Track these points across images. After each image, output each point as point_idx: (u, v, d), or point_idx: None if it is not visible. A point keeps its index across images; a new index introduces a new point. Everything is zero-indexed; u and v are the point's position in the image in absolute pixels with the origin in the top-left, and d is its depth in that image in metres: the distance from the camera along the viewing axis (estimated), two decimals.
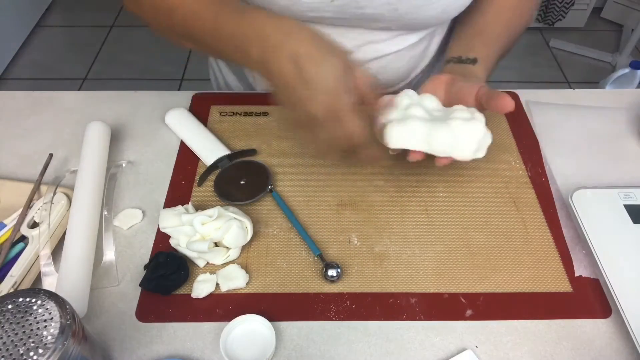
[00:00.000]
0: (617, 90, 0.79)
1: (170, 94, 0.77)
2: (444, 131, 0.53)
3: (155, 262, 0.54)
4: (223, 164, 0.65)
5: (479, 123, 0.54)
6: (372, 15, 0.63)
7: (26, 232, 0.57)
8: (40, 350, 0.36)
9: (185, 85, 2.13)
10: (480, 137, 0.54)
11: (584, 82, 2.15)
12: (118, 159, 0.67)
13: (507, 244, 0.58)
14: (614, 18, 2.42)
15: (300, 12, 0.63)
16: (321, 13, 0.63)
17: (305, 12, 0.63)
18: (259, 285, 0.54)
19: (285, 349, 0.50)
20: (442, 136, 0.53)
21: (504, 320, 0.52)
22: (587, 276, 0.55)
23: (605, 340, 0.50)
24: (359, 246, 0.58)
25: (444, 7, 0.63)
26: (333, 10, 0.62)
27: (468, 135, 0.54)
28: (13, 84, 2.11)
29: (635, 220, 0.57)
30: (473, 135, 0.54)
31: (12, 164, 0.67)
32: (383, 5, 0.61)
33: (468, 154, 0.55)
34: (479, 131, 0.54)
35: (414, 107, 0.56)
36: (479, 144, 0.55)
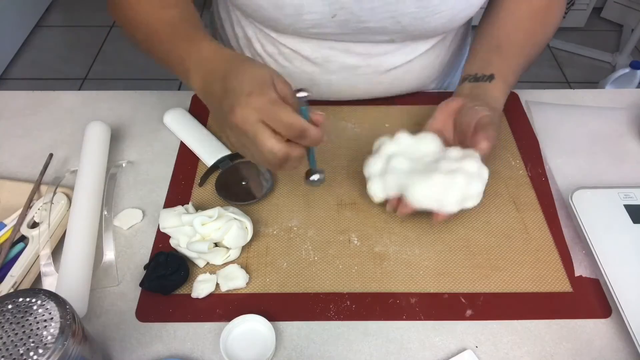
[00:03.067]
0: (617, 90, 0.79)
1: (170, 94, 0.77)
2: (422, 186, 0.52)
3: (155, 262, 0.54)
4: (224, 164, 0.65)
5: (460, 176, 0.52)
6: (374, 29, 0.63)
7: (26, 232, 0.57)
8: (40, 350, 0.36)
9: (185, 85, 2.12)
10: (461, 191, 0.52)
11: (584, 82, 2.15)
12: (118, 159, 0.67)
13: (507, 244, 0.58)
14: (614, 18, 2.42)
15: (304, 29, 0.63)
16: (324, 29, 0.63)
17: (308, 28, 0.63)
18: (259, 285, 0.54)
19: (285, 349, 0.50)
20: (420, 190, 0.52)
21: (504, 320, 0.52)
22: (587, 276, 0.55)
23: (605, 340, 0.50)
24: (359, 246, 0.58)
25: (450, 17, 0.62)
26: (335, 25, 0.62)
27: (447, 189, 0.52)
28: (13, 84, 2.11)
29: (635, 220, 0.57)
30: (453, 189, 0.52)
31: (12, 164, 0.67)
32: (385, 18, 0.61)
33: (451, 207, 0.52)
34: (458, 185, 0.52)
35: (397, 158, 0.56)
36: (463, 196, 0.53)
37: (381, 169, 0.56)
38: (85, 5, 2.52)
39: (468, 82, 0.62)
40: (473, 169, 0.53)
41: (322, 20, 0.61)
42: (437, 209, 0.53)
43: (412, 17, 0.61)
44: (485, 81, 0.60)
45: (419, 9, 0.60)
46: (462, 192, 0.52)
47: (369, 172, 0.57)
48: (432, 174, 0.53)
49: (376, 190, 0.56)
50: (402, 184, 0.54)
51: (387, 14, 0.60)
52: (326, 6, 0.60)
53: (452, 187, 0.52)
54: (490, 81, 0.60)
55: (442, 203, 0.52)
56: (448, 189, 0.52)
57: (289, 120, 0.44)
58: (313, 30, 0.63)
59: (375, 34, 0.64)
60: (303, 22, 0.61)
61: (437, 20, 0.62)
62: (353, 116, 0.72)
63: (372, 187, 0.56)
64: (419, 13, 0.60)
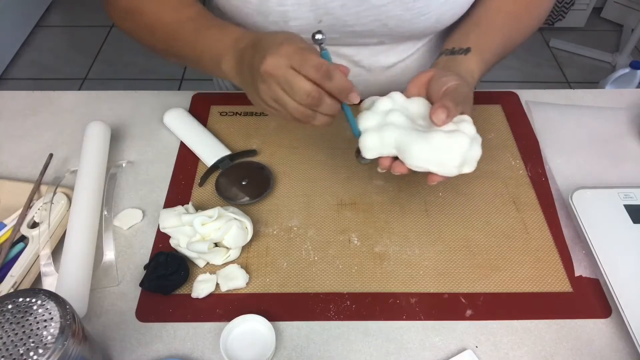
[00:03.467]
0: (617, 90, 0.79)
1: (170, 94, 0.77)
2: (422, 144, 0.48)
3: (155, 262, 0.54)
4: (224, 164, 0.65)
5: (463, 136, 0.48)
6: (362, 33, 0.63)
7: (26, 232, 0.57)
8: (40, 350, 0.36)
9: (185, 85, 2.12)
10: (464, 151, 0.48)
11: (584, 82, 2.15)
12: (118, 159, 0.67)
13: (507, 244, 0.58)
14: (614, 18, 2.42)
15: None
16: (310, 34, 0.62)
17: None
18: (259, 285, 0.54)
19: (285, 349, 0.50)
20: (419, 149, 0.48)
21: (504, 320, 0.52)
22: (587, 276, 0.55)
23: (605, 340, 0.50)
24: (359, 246, 0.58)
25: (437, 18, 0.62)
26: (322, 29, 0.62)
27: (450, 149, 0.48)
28: (13, 84, 2.11)
29: (635, 220, 0.57)
30: (455, 149, 0.48)
31: (12, 164, 0.67)
32: (371, 22, 0.61)
33: (451, 169, 0.49)
34: (462, 145, 0.48)
35: (394, 113, 0.51)
36: (464, 158, 0.49)
37: (378, 123, 0.51)
38: (85, 5, 2.52)
39: (444, 55, 0.60)
40: (472, 132, 0.50)
41: (308, 26, 0.61)
42: (436, 171, 0.49)
43: (399, 20, 0.61)
44: (461, 54, 0.58)
45: (404, 12, 0.60)
46: (463, 154, 0.48)
47: (363, 125, 0.51)
48: (433, 133, 0.48)
49: (370, 144, 0.50)
50: (401, 141, 0.49)
51: (373, 18, 0.60)
52: (311, 12, 0.60)
53: (454, 148, 0.48)
54: (466, 54, 0.58)
55: (442, 165, 0.48)
56: (450, 149, 0.48)
57: (317, 60, 0.46)
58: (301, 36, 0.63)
59: (364, 37, 0.64)
60: (289, 28, 0.61)
61: (424, 21, 0.61)
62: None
63: (366, 141, 0.50)
64: (405, 15, 0.60)
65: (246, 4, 0.60)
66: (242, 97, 0.77)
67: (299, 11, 0.59)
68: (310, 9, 0.59)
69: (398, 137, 0.49)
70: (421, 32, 0.65)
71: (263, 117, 0.72)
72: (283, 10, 0.59)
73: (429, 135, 0.48)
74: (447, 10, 0.62)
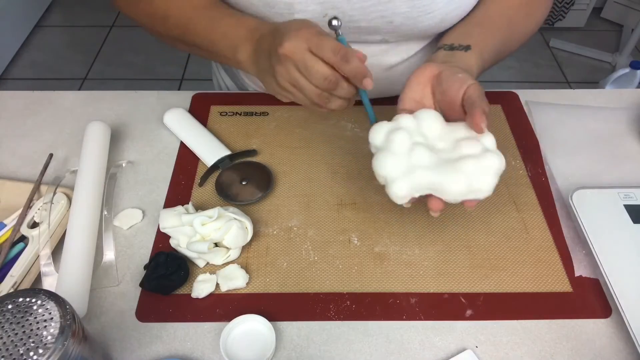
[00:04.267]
0: (617, 90, 0.79)
1: (170, 94, 0.77)
2: (456, 178, 0.46)
3: (155, 262, 0.54)
4: (224, 164, 0.65)
5: (493, 156, 0.47)
6: (366, 29, 0.63)
7: (26, 232, 0.57)
8: (40, 350, 0.36)
9: (185, 85, 2.13)
10: (497, 170, 0.48)
11: (584, 82, 2.15)
12: (118, 159, 0.67)
13: (507, 244, 0.58)
14: (614, 18, 2.42)
15: None
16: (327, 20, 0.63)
17: None
18: (259, 285, 0.54)
19: (285, 349, 0.50)
20: (455, 184, 0.46)
21: (504, 320, 0.52)
22: (587, 276, 0.55)
23: (605, 340, 0.50)
24: (359, 246, 0.58)
25: (442, 17, 0.62)
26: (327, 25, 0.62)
27: (485, 174, 0.47)
28: (13, 84, 2.11)
29: (635, 220, 0.57)
30: (490, 173, 0.47)
31: (12, 164, 0.67)
32: (377, 18, 0.61)
33: (488, 192, 0.47)
34: (494, 166, 0.47)
35: (417, 151, 0.48)
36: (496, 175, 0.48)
37: (406, 167, 0.48)
38: (85, 5, 2.52)
39: (443, 50, 0.59)
40: (492, 145, 0.49)
41: (314, 19, 0.61)
42: (474, 197, 0.48)
43: (404, 17, 0.61)
44: (461, 50, 0.58)
45: (411, 9, 0.60)
46: (497, 173, 0.48)
47: (388, 172, 0.48)
48: (463, 162, 0.47)
49: (401, 193, 0.48)
50: (434, 182, 0.47)
51: (379, 14, 0.60)
52: (318, 5, 0.60)
53: (489, 172, 0.47)
54: (466, 51, 0.57)
55: (480, 191, 0.47)
56: (485, 174, 0.47)
57: (335, 44, 0.48)
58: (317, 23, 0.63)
59: (368, 34, 0.64)
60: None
61: (429, 20, 0.62)
62: (353, 116, 0.72)
63: (397, 190, 0.48)
64: (411, 13, 0.60)
65: None
66: (242, 97, 0.77)
67: (305, 3, 0.60)
68: (317, 2, 0.60)
69: (429, 178, 0.47)
70: (425, 32, 0.65)
71: (263, 117, 0.72)
72: (289, 2, 0.59)
73: (459, 166, 0.47)
74: (452, 10, 0.62)
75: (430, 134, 0.50)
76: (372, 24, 0.62)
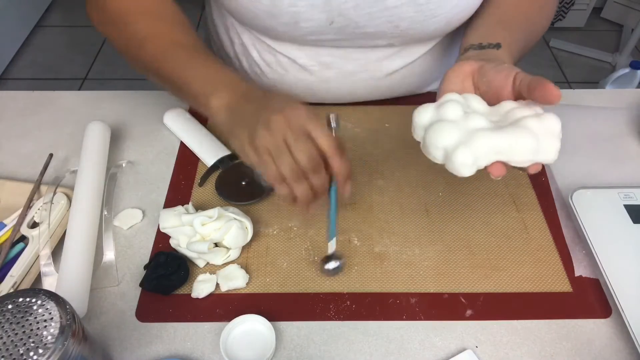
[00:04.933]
0: (617, 90, 0.79)
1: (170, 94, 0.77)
2: (526, 136, 0.43)
3: (155, 262, 0.54)
4: (224, 164, 0.65)
5: (551, 116, 0.45)
6: (373, 34, 0.62)
7: (26, 232, 0.57)
8: (40, 350, 0.36)
9: None
10: (558, 131, 0.45)
11: (584, 82, 2.15)
12: (118, 159, 0.67)
13: (507, 244, 0.58)
14: (614, 18, 2.42)
15: (300, 36, 0.63)
16: (321, 36, 0.62)
17: (305, 35, 0.62)
18: (259, 285, 0.54)
19: (285, 349, 0.50)
20: (525, 142, 0.43)
21: (504, 320, 0.52)
22: (587, 276, 0.55)
23: (605, 340, 0.50)
24: (359, 246, 0.58)
25: (448, 20, 0.62)
26: (333, 32, 0.62)
27: (549, 137, 0.44)
28: (13, 84, 2.11)
29: (635, 220, 0.57)
30: (554, 135, 0.45)
31: (12, 164, 0.67)
32: (383, 23, 0.61)
33: (553, 156, 0.45)
34: (556, 128, 0.45)
35: (472, 118, 0.45)
36: (559, 140, 0.45)
37: (465, 133, 0.44)
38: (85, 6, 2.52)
39: (472, 49, 0.56)
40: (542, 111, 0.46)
41: (320, 27, 0.61)
42: (541, 159, 0.45)
43: (411, 21, 0.61)
44: (492, 48, 0.56)
45: (417, 13, 0.60)
46: (558, 135, 0.45)
47: (448, 141, 0.44)
48: (526, 121, 0.44)
49: (466, 160, 0.43)
50: (497, 145, 0.43)
51: (385, 19, 0.60)
52: (323, 13, 0.59)
53: (550, 134, 0.44)
54: (498, 49, 0.55)
55: (543, 151, 0.44)
56: (546, 135, 0.44)
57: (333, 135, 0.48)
58: (310, 37, 0.63)
59: (374, 39, 0.64)
60: (300, 29, 0.61)
61: (435, 23, 0.61)
62: (353, 116, 0.72)
63: (460, 157, 0.43)
64: (417, 17, 0.60)
65: (256, 4, 0.59)
66: None
67: (310, 12, 0.59)
68: (323, 10, 0.59)
69: (494, 141, 0.43)
70: (431, 34, 0.65)
71: None
72: (295, 11, 0.59)
73: (523, 124, 0.44)
74: (458, 13, 0.62)
75: (479, 109, 0.47)
76: (378, 29, 0.62)
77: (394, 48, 0.67)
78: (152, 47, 0.59)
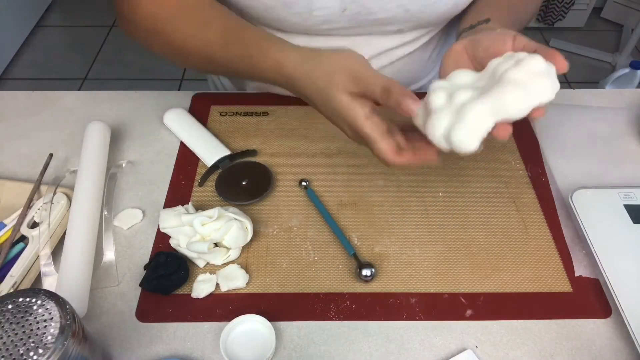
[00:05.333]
0: (617, 90, 0.79)
1: (170, 94, 0.77)
2: (510, 90, 0.42)
3: (155, 262, 0.54)
4: (224, 164, 0.65)
5: (534, 57, 0.43)
6: (384, 20, 0.63)
7: (26, 232, 0.57)
8: (40, 350, 0.36)
9: (185, 85, 2.13)
10: (545, 69, 0.43)
11: (584, 82, 2.15)
12: (118, 159, 0.67)
13: (507, 244, 0.58)
14: (614, 18, 2.42)
15: (313, 25, 0.63)
16: (334, 24, 0.63)
17: (318, 25, 0.63)
18: (259, 285, 0.54)
19: (285, 349, 0.50)
20: (512, 98, 0.42)
21: (504, 320, 0.52)
22: (587, 276, 0.55)
23: (605, 340, 0.50)
24: (359, 246, 0.58)
25: (455, 1, 0.63)
26: (345, 20, 0.62)
27: (535, 75, 0.42)
28: (13, 84, 2.11)
29: (635, 220, 0.57)
30: (540, 72, 0.43)
31: (12, 164, 0.67)
32: (394, 8, 0.61)
33: (549, 92, 0.43)
34: (540, 65, 0.43)
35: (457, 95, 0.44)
36: (551, 76, 0.44)
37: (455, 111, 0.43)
38: (85, 5, 2.52)
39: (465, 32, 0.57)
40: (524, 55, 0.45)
41: (332, 15, 0.61)
42: (538, 103, 0.43)
43: (421, 5, 0.62)
44: (482, 24, 0.56)
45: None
46: (546, 73, 0.44)
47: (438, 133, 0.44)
48: (507, 74, 0.43)
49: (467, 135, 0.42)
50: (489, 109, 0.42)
51: (396, 3, 0.61)
52: (337, 1, 0.60)
53: (536, 74, 0.43)
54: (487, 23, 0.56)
55: (538, 92, 0.43)
56: (534, 77, 0.43)
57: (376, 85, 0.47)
58: (323, 27, 0.63)
59: (385, 25, 0.64)
60: (313, 19, 0.61)
61: (444, 5, 0.62)
62: None
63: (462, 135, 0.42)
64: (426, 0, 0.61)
65: None
66: (242, 97, 0.77)
67: (324, 0, 0.60)
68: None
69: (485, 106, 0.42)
70: (439, 17, 0.66)
71: (263, 117, 0.72)
72: (308, 0, 0.59)
73: (506, 79, 0.42)
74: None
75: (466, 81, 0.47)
76: (389, 14, 0.62)
77: (402, 36, 0.68)
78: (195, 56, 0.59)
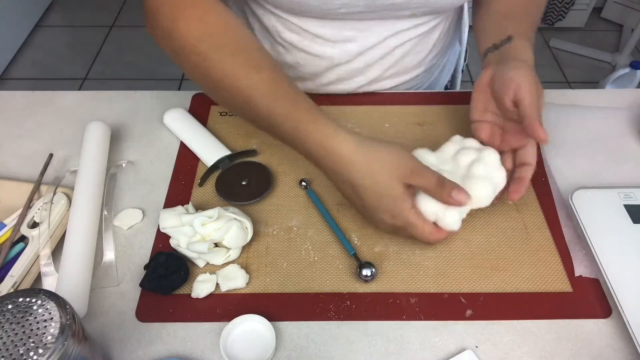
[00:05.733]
0: (617, 90, 0.79)
1: (170, 94, 0.77)
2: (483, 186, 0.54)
3: (155, 262, 0.54)
4: (224, 164, 0.65)
5: (489, 151, 0.57)
6: (399, 5, 0.63)
7: (26, 232, 0.57)
8: (40, 350, 0.36)
9: (185, 85, 2.13)
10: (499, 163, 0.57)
11: (584, 82, 2.15)
12: (118, 159, 0.67)
13: (507, 244, 0.58)
14: (614, 18, 2.42)
15: (331, 10, 0.63)
16: (352, 8, 0.63)
17: (337, 9, 0.63)
18: (259, 285, 0.54)
19: (285, 349, 0.50)
20: (484, 193, 0.54)
21: (504, 320, 0.52)
22: (587, 276, 0.55)
23: (605, 340, 0.50)
24: (359, 246, 0.58)
25: None
26: (363, 4, 0.62)
27: (494, 169, 0.56)
28: (13, 84, 2.11)
29: (635, 220, 0.57)
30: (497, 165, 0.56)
31: (12, 164, 0.67)
32: None
33: (502, 180, 0.56)
34: (495, 158, 0.57)
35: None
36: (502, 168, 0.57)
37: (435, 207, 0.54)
38: (85, 5, 2.52)
39: (490, 53, 0.62)
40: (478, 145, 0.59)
41: (351, 1, 0.61)
42: (496, 193, 0.56)
43: None
44: (505, 44, 0.61)
45: None
46: (499, 165, 0.57)
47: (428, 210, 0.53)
48: (474, 171, 0.55)
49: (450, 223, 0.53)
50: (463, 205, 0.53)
51: None
52: None
53: (493, 167, 0.56)
54: (511, 42, 0.60)
55: (497, 186, 0.56)
56: (490, 171, 0.55)
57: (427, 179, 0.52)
58: (341, 11, 0.63)
59: (400, 9, 0.65)
60: (332, 3, 0.61)
61: None
62: (353, 116, 0.72)
63: (445, 224, 0.53)
64: None
65: None
66: None
67: None
68: None
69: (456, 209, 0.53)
70: (452, 4, 0.66)
71: None
72: None
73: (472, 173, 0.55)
74: None
75: (431, 163, 0.57)
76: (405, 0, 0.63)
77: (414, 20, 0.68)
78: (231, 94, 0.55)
